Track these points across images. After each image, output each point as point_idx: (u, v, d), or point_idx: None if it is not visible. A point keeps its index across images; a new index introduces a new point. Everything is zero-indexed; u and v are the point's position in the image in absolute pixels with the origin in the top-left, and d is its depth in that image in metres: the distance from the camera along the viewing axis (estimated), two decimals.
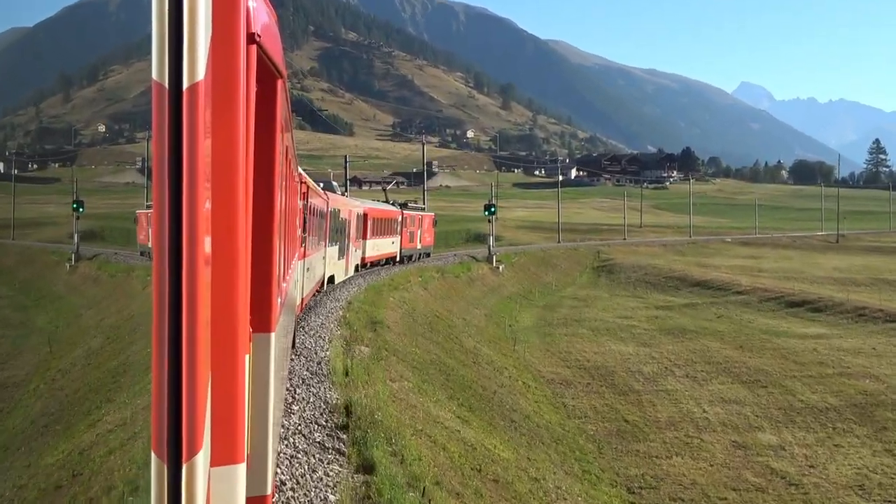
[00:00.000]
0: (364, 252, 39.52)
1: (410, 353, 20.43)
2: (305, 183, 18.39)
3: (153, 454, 2.87)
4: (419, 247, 53.41)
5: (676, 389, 31.24)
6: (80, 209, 58.31)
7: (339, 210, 29.50)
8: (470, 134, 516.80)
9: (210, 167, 3.05)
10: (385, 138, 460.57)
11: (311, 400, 11.26)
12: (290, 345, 11.65)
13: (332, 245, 28.20)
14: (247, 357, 3.89)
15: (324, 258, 26.39)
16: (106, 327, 33.87)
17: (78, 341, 31.51)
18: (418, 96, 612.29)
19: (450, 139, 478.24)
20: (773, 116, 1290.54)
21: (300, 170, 16.99)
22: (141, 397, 15.47)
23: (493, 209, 57.89)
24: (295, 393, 11.45)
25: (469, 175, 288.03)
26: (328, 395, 11.80)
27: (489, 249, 59.76)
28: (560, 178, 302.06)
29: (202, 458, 2.92)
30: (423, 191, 63.68)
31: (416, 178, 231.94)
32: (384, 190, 58.30)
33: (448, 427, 13.94)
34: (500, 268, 57.99)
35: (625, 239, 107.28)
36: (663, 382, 32.45)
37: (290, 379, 11.56)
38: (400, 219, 47.44)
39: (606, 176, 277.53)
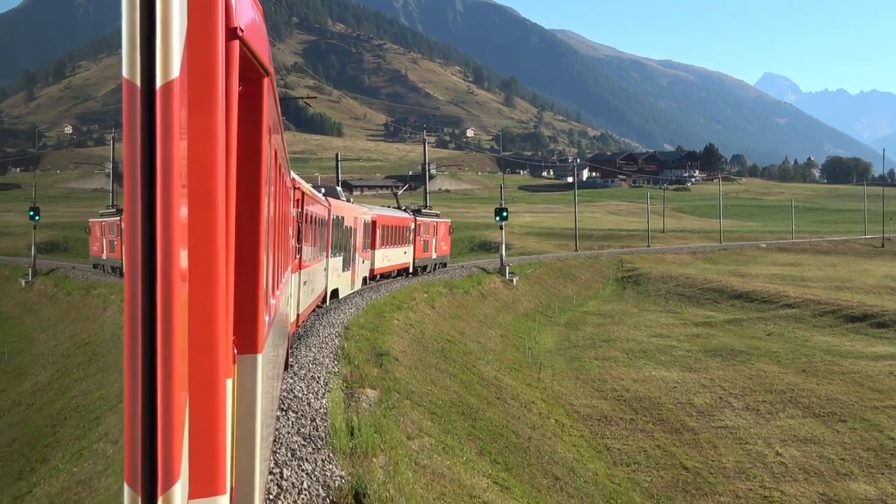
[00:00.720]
0: (373, 263, 39.58)
1: (426, 392, 17.83)
2: (300, 189, 18.42)
3: (126, 485, 2.90)
4: (434, 256, 53.20)
5: (738, 426, 28.86)
6: (36, 217, 56.62)
7: (342, 217, 29.41)
8: (470, 133, 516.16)
9: (186, 172, 3.13)
10: (377, 139, 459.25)
11: (305, 485, 8.33)
12: (281, 366, 11.41)
13: (335, 256, 28.17)
14: (229, 381, 3.90)
15: (325, 270, 26.51)
16: (58, 356, 32.04)
17: (28, 371, 30.46)
18: (412, 93, 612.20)
19: (448, 139, 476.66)
20: (800, 110, 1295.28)
21: (294, 175, 17.09)
22: (77, 464, 12.71)
23: (504, 214, 56.60)
24: (282, 475, 9.47)
25: (470, 178, 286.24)
26: (328, 474, 9.75)
27: (501, 260, 59.06)
28: (570, 179, 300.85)
29: (180, 489, 2.99)
30: (426, 194, 61.68)
31: (413, 181, 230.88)
32: (395, 195, 57.57)
33: (487, 502, 10.95)
34: (514, 280, 56.86)
35: (648, 246, 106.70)
36: (721, 417, 30.12)
37: (275, 452, 10.28)
38: (412, 226, 47.15)
39: (622, 176, 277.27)
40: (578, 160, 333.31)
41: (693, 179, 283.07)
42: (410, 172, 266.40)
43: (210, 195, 3.44)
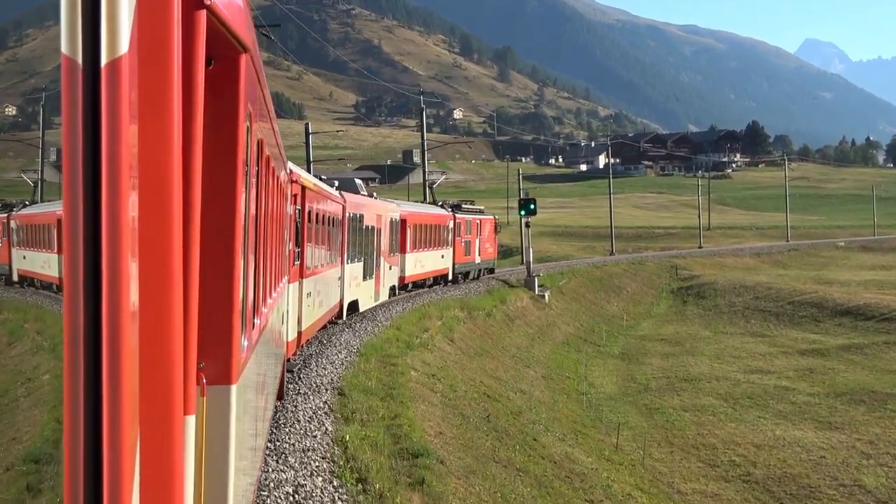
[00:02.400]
0: (403, 270, 40.12)
1: None
2: (300, 183, 18.81)
3: None
4: (478, 261, 53.38)
5: None
6: None
7: (361, 216, 29.83)
8: (458, 114, 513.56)
9: (138, 164, 3.20)
10: (346, 122, 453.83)
11: None
12: (272, 395, 11.48)
13: (352, 261, 28.62)
14: (190, 419, 4.07)
15: (339, 279, 27.03)
16: None
17: None
18: (387, 67, 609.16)
19: (431, 121, 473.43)
20: (849, 82, 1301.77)
21: (294, 167, 18.35)
22: None
23: (531, 206, 54.64)
24: None
25: (461, 166, 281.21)
26: None
27: (528, 269, 56.38)
28: (584, 166, 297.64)
29: None
30: (424, 189, 59.13)
31: (390, 172, 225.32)
32: (430, 188, 58.33)
33: None
34: (546, 296, 55.09)
35: (700, 247, 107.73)
36: None
37: None
38: (451, 225, 47.33)
39: (647, 163, 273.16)
40: (592, 144, 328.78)
41: (733, 165, 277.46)
42: (388, 162, 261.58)
43: (166, 191, 3.44)
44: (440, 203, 50.29)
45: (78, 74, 2.90)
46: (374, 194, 40.18)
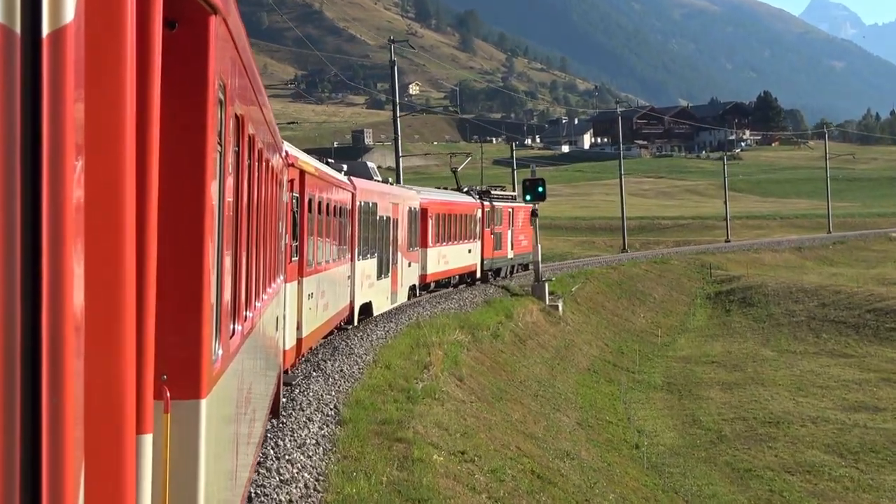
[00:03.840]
0: (424, 267, 41.38)
1: None
2: (297, 166, 19.58)
3: None
4: (510, 255, 55.86)
5: None
6: None
7: (373, 205, 31.00)
8: (414, 89, 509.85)
9: (84, 147, 3.26)
10: (283, 99, 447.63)
11: None
12: (264, 409, 11.99)
13: (364, 257, 29.81)
14: (146, 438, 4.27)
15: (349, 278, 28.17)
16: None
17: None
18: (331, 36, 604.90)
19: (383, 98, 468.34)
20: (863, 49, 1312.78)
21: (291, 148, 19.19)
22: None
23: (539, 189, 51.76)
24: None
25: (421, 148, 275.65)
26: None
27: (536, 273, 53.56)
28: (566, 147, 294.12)
29: None
30: (398, 170, 56.19)
31: (339, 156, 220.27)
32: (454, 171, 59.04)
33: None
34: (559, 306, 53.14)
35: (727, 240, 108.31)
36: None
37: None
38: (479, 214, 49.25)
39: (641, 142, 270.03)
40: (576, 121, 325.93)
41: (742, 144, 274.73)
42: (336, 144, 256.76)
43: (117, 176, 3.55)
44: (466, 189, 51.61)
45: (16, 46, 2.92)
46: (390, 179, 41.26)
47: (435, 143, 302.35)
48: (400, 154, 56.58)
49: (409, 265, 38.71)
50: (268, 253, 11.33)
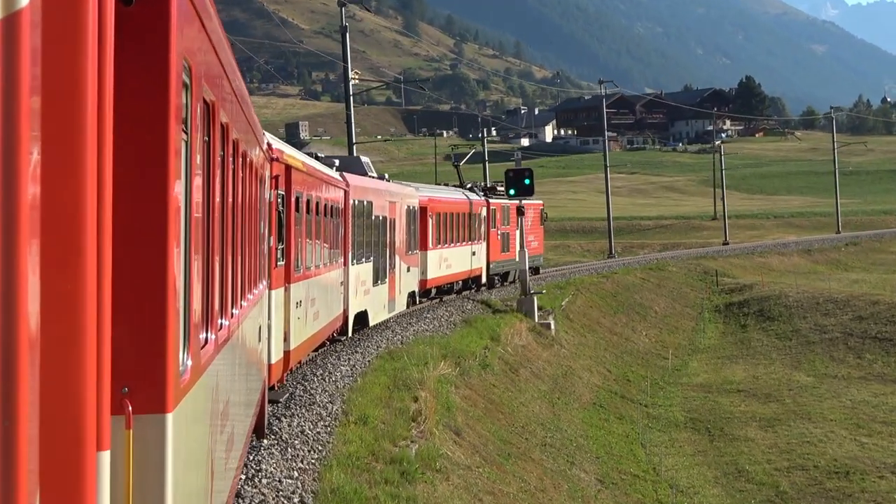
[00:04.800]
0: (425, 272, 42.81)
1: None
2: (282, 161, 19.98)
3: None
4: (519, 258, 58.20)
5: None
6: None
7: (369, 203, 31.97)
8: (353, 79, 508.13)
9: (40, 138, 3.46)
10: None
11: None
12: (246, 428, 12.22)
13: (359, 261, 30.84)
14: (104, 456, 4.39)
15: (342, 284, 29.03)
16: None
17: None
18: (260, 20, 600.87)
19: (319, 88, 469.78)
20: (846, 31, 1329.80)
21: (274, 140, 19.78)
22: None
23: (526, 182, 50.08)
24: None
25: (363, 142, 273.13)
26: None
27: (524, 286, 51.49)
28: (526, 141, 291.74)
29: None
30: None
31: None
32: (456, 166, 61.37)
33: None
34: (552, 324, 52.00)
35: (726, 243, 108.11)
36: None
37: None
38: (484, 213, 50.67)
39: (611, 133, 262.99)
40: (536, 112, 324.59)
41: (724, 135, 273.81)
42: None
43: (77, 170, 3.72)
44: (469, 186, 53.24)
45: None
46: (387, 175, 40.72)
47: (379, 136, 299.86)
48: (354, 141, 54.95)
49: (408, 270, 39.60)
50: (247, 256, 11.50)
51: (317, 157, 27.58)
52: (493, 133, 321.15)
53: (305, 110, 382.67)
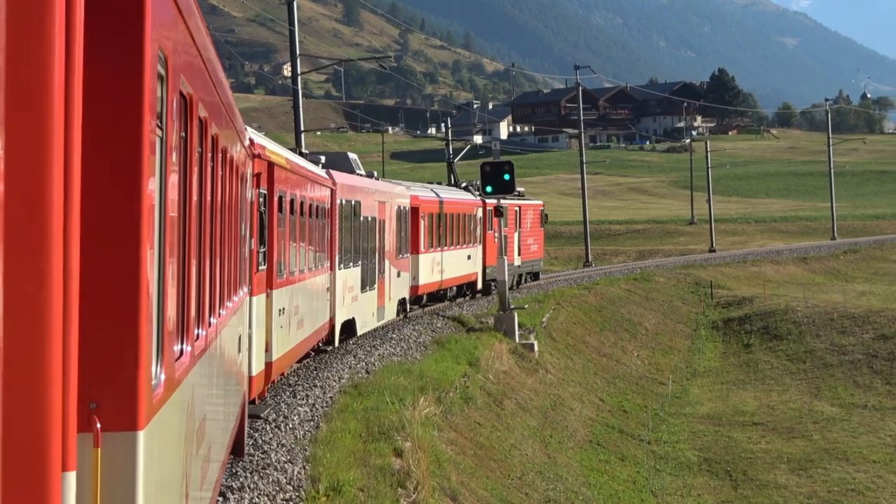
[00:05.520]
0: (417, 277, 43.70)
1: None
2: (266, 158, 20.19)
3: None
4: (518, 262, 58.82)
5: None
6: None
7: (357, 203, 32.75)
8: (289, 71, 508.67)
9: (2, 129, 3.59)
10: None
11: None
12: (223, 446, 12.32)
13: (345, 266, 31.51)
14: (70, 476, 4.43)
15: (328, 290, 29.75)
16: None
17: None
18: None
19: (254, 81, 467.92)
20: (819, 23, 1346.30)
21: (256, 135, 20.10)
22: None
23: (505, 177, 48.89)
24: None
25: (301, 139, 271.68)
26: None
27: (503, 300, 49.35)
28: (479, 138, 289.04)
29: None
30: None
31: None
32: (449, 163, 64.12)
33: None
34: (535, 346, 50.08)
35: (712, 250, 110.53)
36: None
37: None
38: (480, 214, 52.03)
39: (571, 130, 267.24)
40: (489, 106, 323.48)
41: (694, 132, 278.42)
42: None
43: (33, 170, 3.78)
44: (464, 184, 54.51)
45: None
46: (375, 174, 40.94)
47: (318, 133, 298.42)
48: (302, 130, 52.95)
49: (399, 275, 40.21)
50: (226, 260, 11.71)
51: (300, 153, 28.33)
52: (441, 128, 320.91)
53: (238, 105, 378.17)
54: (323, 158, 31.30)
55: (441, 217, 46.03)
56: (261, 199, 19.70)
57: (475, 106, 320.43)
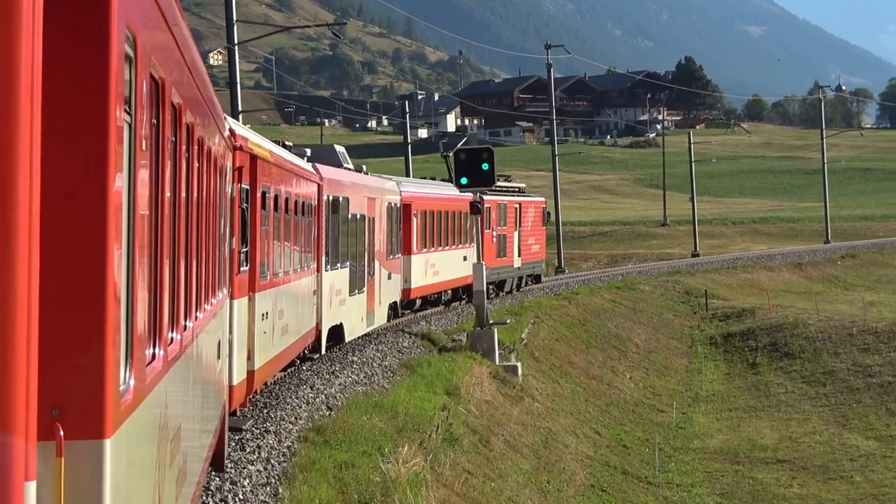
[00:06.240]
0: (409, 280, 44.54)
1: None
2: (248, 150, 20.31)
3: None
4: (517, 265, 60.37)
5: None
6: None
7: (345, 199, 33.39)
8: (216, 59, 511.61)
9: None
10: None
11: None
12: (193, 462, 11.90)
13: (333, 267, 31.98)
14: (30, 486, 4.48)
15: (315, 293, 30.24)
16: None
17: None
18: None
19: None
20: (786, 10, 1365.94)
21: (237, 126, 20.40)
22: None
23: (484, 167, 46.07)
24: None
25: None
26: None
27: (480, 315, 47.03)
28: (424, 132, 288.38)
29: None
30: None
31: None
32: (445, 157, 63.73)
33: None
34: (518, 369, 48.26)
35: (696, 254, 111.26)
36: None
37: None
38: None
39: (525, 124, 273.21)
40: (437, 96, 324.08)
41: (659, 126, 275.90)
42: None
43: (7, 157, 3.88)
44: None
45: None
46: (364, 168, 41.62)
47: (248, 125, 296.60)
48: (240, 109, 50.48)
49: (389, 277, 40.55)
50: (204, 260, 11.81)
51: (284, 146, 27.56)
52: (385, 123, 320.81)
53: None
54: (308, 151, 30.71)
55: (435, 215, 46.44)
56: (243, 195, 19.75)
57: (420, 97, 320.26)
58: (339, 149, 37.50)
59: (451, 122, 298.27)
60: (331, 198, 30.53)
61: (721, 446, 49.40)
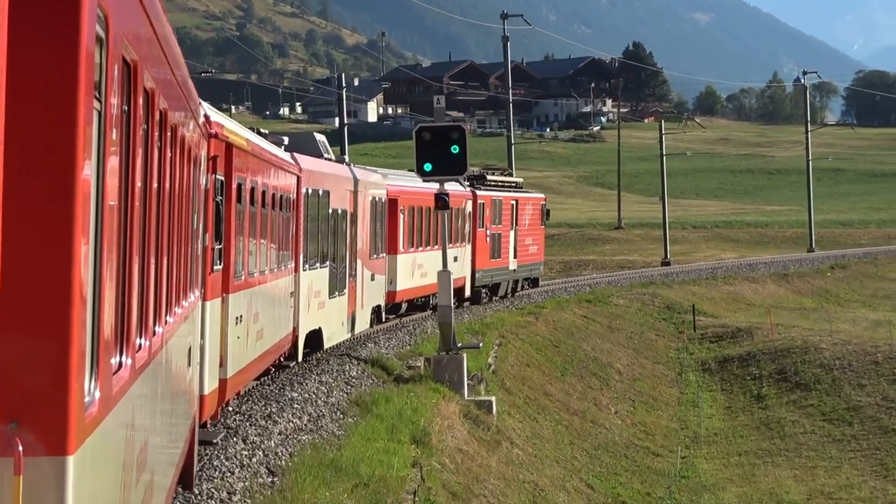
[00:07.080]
0: (394, 280, 45.93)
1: None
2: (223, 138, 20.76)
3: None
4: (513, 266, 61.57)
5: None
6: None
7: (326, 193, 34.18)
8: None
9: None
10: None
11: None
12: (160, 479, 12.05)
13: (312, 266, 32.96)
14: None
15: (292, 295, 30.88)
16: None
17: None
18: None
19: None
20: None
21: (213, 112, 20.77)
22: None
23: (454, 148, 43.98)
24: None
25: None
26: None
27: (446, 338, 44.36)
28: (344, 121, 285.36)
29: None
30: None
31: None
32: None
33: None
34: (493, 405, 46.13)
35: (666, 261, 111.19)
36: None
37: None
38: (469, 208, 54.36)
39: (457, 114, 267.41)
40: (357, 81, 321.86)
41: (605, 119, 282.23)
42: None
43: None
44: None
45: None
46: (347, 158, 45.28)
47: None
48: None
49: (373, 278, 41.12)
50: (175, 258, 12.02)
51: (260, 133, 27.88)
52: (299, 110, 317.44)
53: None
54: (286, 140, 30.98)
55: (423, 211, 46.94)
56: (217, 187, 19.86)
57: (340, 81, 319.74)
58: (320, 138, 37.27)
59: (373, 111, 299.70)
60: (310, 191, 30.78)
61: (737, 502, 47.12)
